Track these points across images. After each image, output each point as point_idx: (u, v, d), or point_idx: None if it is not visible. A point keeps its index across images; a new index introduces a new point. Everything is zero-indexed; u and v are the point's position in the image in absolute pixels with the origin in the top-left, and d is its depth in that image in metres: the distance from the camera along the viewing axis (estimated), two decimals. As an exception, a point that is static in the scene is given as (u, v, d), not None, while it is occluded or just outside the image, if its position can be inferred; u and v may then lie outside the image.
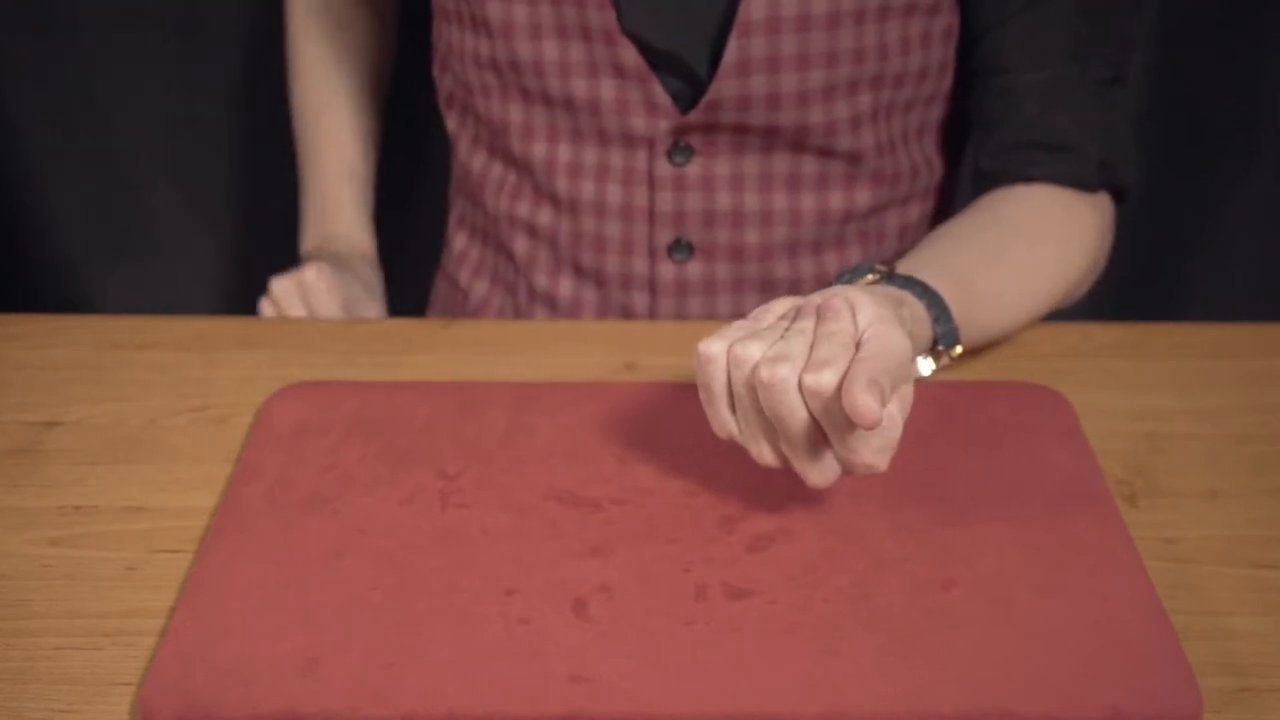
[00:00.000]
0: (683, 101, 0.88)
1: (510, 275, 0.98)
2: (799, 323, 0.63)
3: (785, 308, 0.66)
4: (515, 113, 0.91)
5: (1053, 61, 0.85)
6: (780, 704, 0.56)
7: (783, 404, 0.60)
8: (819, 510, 0.67)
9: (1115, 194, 0.89)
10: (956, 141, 0.97)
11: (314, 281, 0.95)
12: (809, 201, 0.91)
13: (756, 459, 0.63)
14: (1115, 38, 0.86)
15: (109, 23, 1.27)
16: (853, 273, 0.72)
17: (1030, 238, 0.83)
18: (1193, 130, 1.27)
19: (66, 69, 1.29)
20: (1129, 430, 0.76)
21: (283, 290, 0.96)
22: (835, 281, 0.72)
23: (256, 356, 0.83)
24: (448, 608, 0.61)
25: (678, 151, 0.89)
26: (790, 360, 0.60)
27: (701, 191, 0.90)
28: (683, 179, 0.90)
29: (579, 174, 0.91)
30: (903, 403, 0.61)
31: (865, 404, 0.56)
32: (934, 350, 0.72)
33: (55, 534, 0.69)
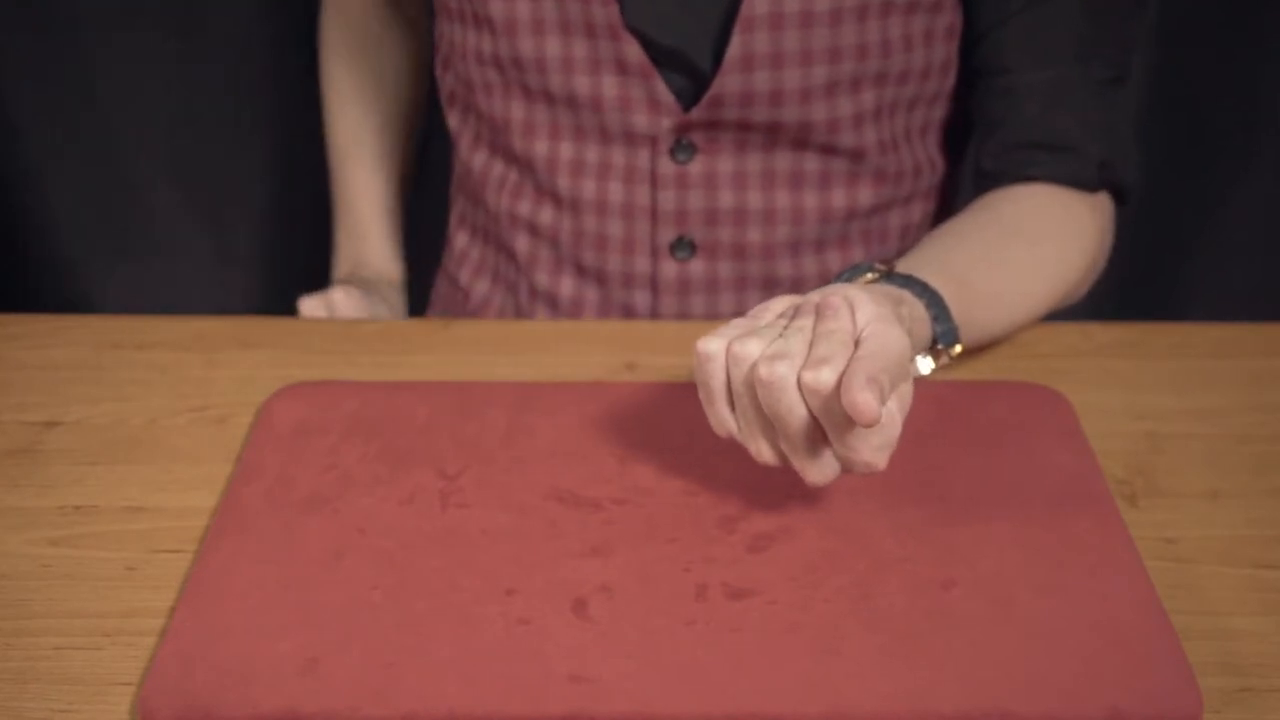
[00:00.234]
0: (685, 99, 0.88)
1: (511, 274, 0.98)
2: (798, 321, 0.63)
3: (784, 306, 0.66)
4: (517, 110, 0.91)
5: (1054, 62, 0.85)
6: (781, 704, 0.56)
7: (781, 402, 0.60)
8: (819, 510, 0.67)
9: (1116, 194, 0.89)
10: (959, 141, 0.97)
11: (341, 301, 0.99)
12: (812, 200, 0.91)
13: (755, 457, 0.63)
14: (1117, 38, 0.86)
15: (109, 23, 1.27)
16: (852, 271, 0.72)
17: (1030, 237, 0.83)
18: (1193, 130, 1.27)
19: (66, 69, 1.29)
20: (1129, 430, 0.76)
21: (310, 309, 0.99)
22: (835, 280, 0.72)
23: (256, 356, 0.83)
24: (448, 608, 0.61)
25: (680, 149, 0.89)
26: (789, 358, 0.60)
27: (704, 189, 0.90)
28: (685, 177, 0.90)
29: (581, 172, 0.91)
30: (902, 401, 0.61)
31: (864, 401, 0.56)
32: (933, 349, 0.72)
33: (55, 534, 0.69)
